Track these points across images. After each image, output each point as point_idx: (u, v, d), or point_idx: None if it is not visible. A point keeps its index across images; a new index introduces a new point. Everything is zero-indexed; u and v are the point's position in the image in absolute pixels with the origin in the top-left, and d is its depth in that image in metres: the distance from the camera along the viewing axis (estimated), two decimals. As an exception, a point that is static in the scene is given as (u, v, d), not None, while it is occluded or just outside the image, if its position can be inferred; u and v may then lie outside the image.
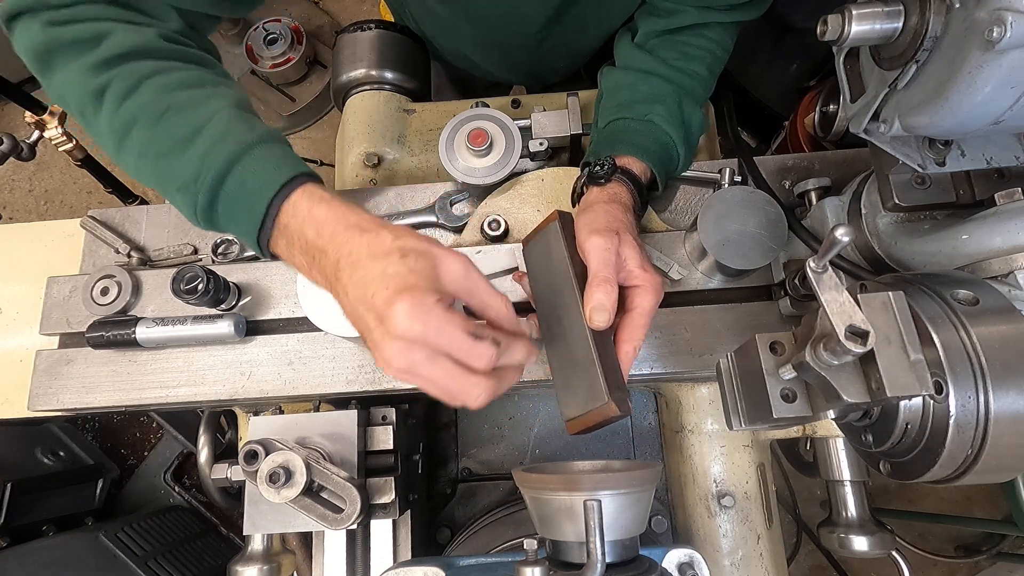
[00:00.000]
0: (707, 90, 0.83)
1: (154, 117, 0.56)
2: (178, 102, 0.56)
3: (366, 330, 0.49)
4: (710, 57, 0.81)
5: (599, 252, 0.60)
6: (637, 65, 0.80)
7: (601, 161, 0.71)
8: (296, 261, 0.55)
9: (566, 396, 0.60)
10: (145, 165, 0.58)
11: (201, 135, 0.55)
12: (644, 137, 0.76)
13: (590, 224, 0.63)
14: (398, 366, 0.47)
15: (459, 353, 0.47)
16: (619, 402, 0.56)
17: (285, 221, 0.54)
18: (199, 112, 0.56)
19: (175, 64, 0.59)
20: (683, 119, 0.78)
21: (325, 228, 0.52)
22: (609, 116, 0.79)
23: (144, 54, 0.58)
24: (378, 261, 0.48)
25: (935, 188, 0.61)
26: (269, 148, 0.56)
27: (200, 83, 0.59)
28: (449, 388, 0.48)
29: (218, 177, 0.54)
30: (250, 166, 0.54)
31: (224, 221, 0.57)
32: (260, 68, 2.41)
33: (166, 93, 0.56)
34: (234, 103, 0.58)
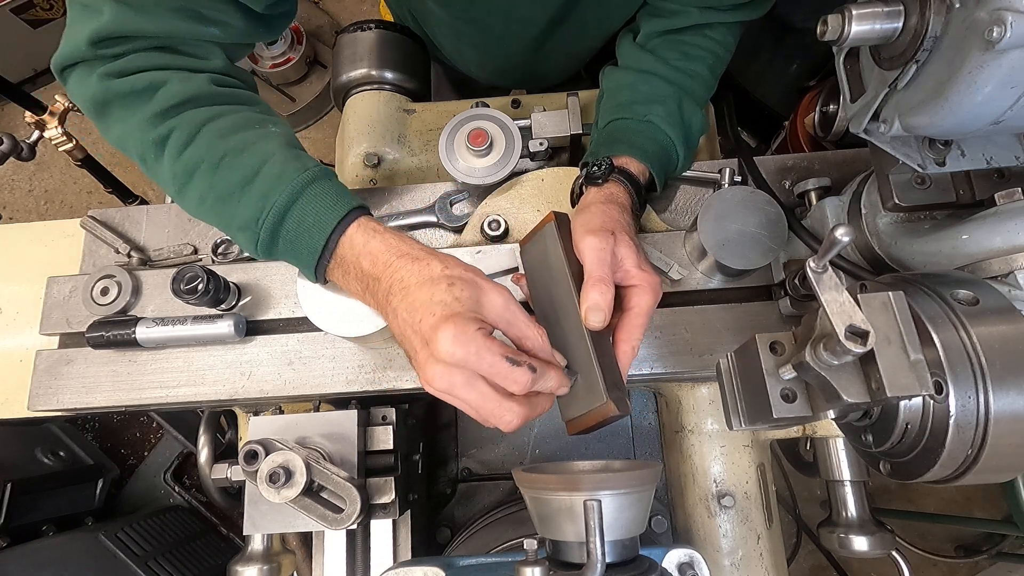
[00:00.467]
0: (708, 91, 0.83)
1: (213, 164, 0.60)
2: (234, 147, 0.60)
3: (412, 351, 0.53)
4: (712, 57, 0.81)
5: (594, 252, 0.61)
6: (638, 65, 0.80)
7: (599, 161, 0.71)
8: (352, 287, 0.60)
9: (565, 397, 0.60)
10: (206, 208, 0.62)
11: (258, 177, 0.59)
12: (643, 137, 0.76)
13: (586, 224, 0.64)
14: (438, 387, 0.51)
15: (497, 377, 0.50)
16: (618, 402, 0.56)
17: (342, 253, 0.59)
18: (255, 155, 0.60)
19: (227, 108, 0.63)
20: (683, 120, 0.78)
21: (380, 259, 0.56)
22: (609, 116, 0.79)
23: (198, 101, 0.62)
24: (426, 288, 0.52)
25: (935, 188, 0.61)
26: (322, 185, 0.60)
27: (252, 124, 0.63)
28: (483, 411, 0.52)
29: (278, 217, 0.58)
30: (307, 204, 0.58)
31: (283, 254, 0.61)
32: (260, 68, 2.41)
33: (222, 139, 0.60)
34: (285, 142, 0.62)
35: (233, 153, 0.60)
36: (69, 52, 0.61)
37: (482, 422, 0.53)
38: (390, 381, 0.74)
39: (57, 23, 2.43)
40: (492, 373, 0.50)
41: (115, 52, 0.61)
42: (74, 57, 0.62)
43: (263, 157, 0.60)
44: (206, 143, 0.60)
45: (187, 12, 0.62)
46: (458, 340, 0.49)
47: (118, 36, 0.60)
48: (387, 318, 0.57)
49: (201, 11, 0.62)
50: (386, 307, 0.56)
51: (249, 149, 0.60)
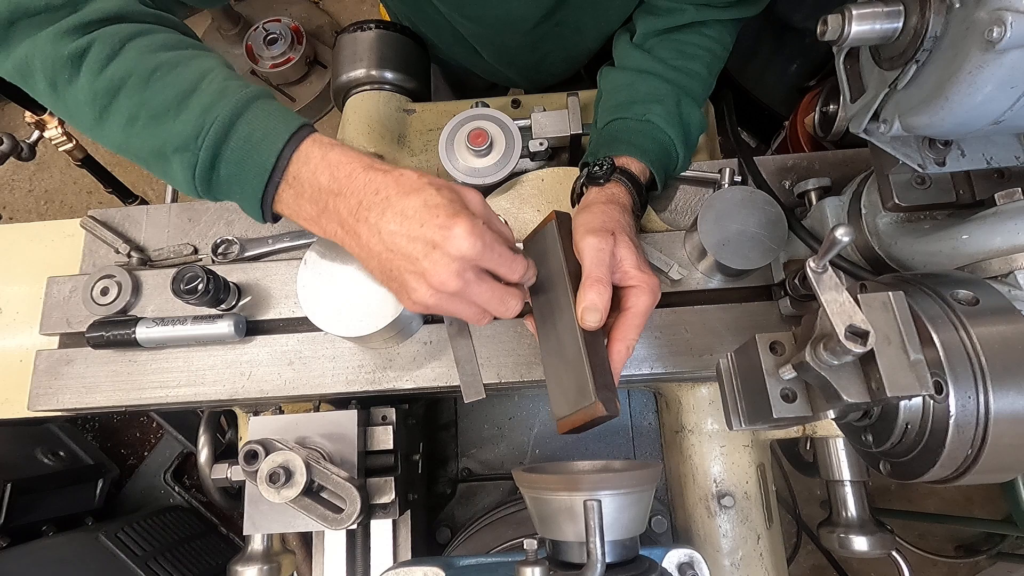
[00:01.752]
0: (706, 89, 0.83)
1: (143, 78, 0.53)
2: (167, 61, 0.54)
3: (409, 261, 0.51)
4: (709, 56, 0.81)
5: (593, 252, 0.61)
6: (635, 65, 0.80)
7: (600, 161, 0.71)
8: (303, 212, 0.55)
9: (557, 395, 0.61)
10: (136, 131, 0.54)
11: (197, 92, 0.53)
12: (643, 137, 0.76)
13: (586, 224, 0.64)
14: (452, 287, 0.50)
15: (503, 266, 0.53)
16: (606, 402, 0.56)
17: (295, 170, 0.53)
18: (191, 70, 0.54)
19: (156, 27, 0.57)
20: (682, 119, 0.78)
21: (340, 171, 0.52)
22: (608, 116, 0.79)
23: (123, 18, 0.56)
24: (414, 195, 0.51)
25: (935, 188, 0.61)
26: (269, 103, 0.55)
27: (185, 45, 0.57)
28: (492, 302, 0.54)
29: (221, 132, 0.52)
30: (254, 119, 0.53)
31: (225, 181, 0.54)
32: (260, 68, 2.41)
33: (152, 54, 0.54)
34: (223, 63, 0.57)
35: (166, 67, 0.53)
36: None
37: (478, 320, 0.55)
38: (390, 381, 0.74)
39: (57, 23, 2.43)
40: (500, 262, 0.52)
41: None
42: None
43: (201, 72, 0.54)
44: (134, 57, 0.54)
45: None
46: (474, 232, 0.49)
47: None
48: (357, 238, 0.52)
49: None
50: (356, 225, 0.52)
51: (184, 64, 0.54)
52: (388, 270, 0.53)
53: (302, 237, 0.82)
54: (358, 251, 0.54)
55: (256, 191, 0.54)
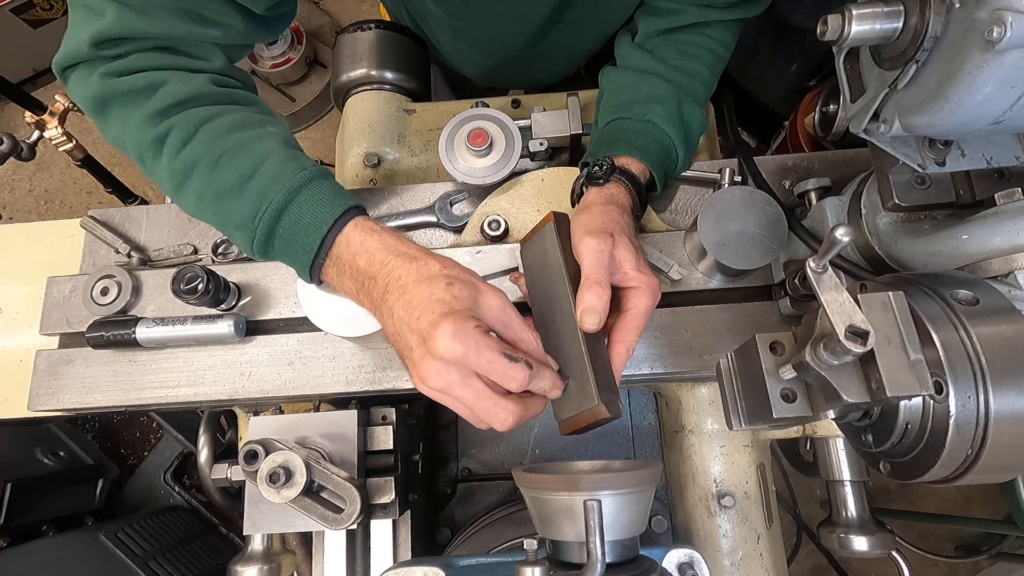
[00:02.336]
0: (708, 90, 0.83)
1: (211, 162, 0.60)
2: (232, 146, 0.61)
3: (407, 349, 0.53)
4: (711, 56, 0.81)
5: (592, 254, 0.60)
6: (636, 65, 0.80)
7: (600, 161, 0.71)
8: (347, 287, 0.60)
9: (559, 398, 0.61)
10: (204, 206, 0.62)
11: (256, 176, 0.59)
12: (643, 137, 0.76)
13: (585, 225, 0.64)
14: (433, 385, 0.51)
15: (494, 374, 0.51)
16: (609, 404, 0.56)
17: (338, 252, 0.59)
18: (253, 154, 0.60)
19: (226, 108, 0.64)
20: (682, 119, 0.77)
21: (376, 257, 0.57)
22: (608, 116, 0.79)
23: (197, 101, 0.62)
24: (425, 286, 0.53)
25: (935, 188, 0.61)
26: (320, 185, 0.60)
27: (250, 124, 0.63)
28: (478, 409, 0.52)
29: (275, 215, 0.59)
30: (304, 203, 0.59)
31: (278, 254, 0.62)
32: (260, 68, 2.41)
33: (220, 138, 0.61)
34: (283, 142, 0.63)
35: (231, 152, 0.60)
36: (71, 52, 0.62)
37: (475, 423, 0.53)
38: (390, 381, 0.74)
39: (57, 23, 2.43)
40: (489, 369, 0.50)
41: (116, 52, 0.61)
42: (76, 57, 0.62)
43: (261, 156, 0.60)
44: (205, 141, 0.61)
45: (188, 14, 0.62)
46: (456, 336, 0.49)
47: (119, 37, 0.60)
48: (381, 318, 0.57)
49: (201, 13, 0.63)
50: (381, 306, 0.56)
51: (247, 148, 0.61)
52: (399, 351, 0.56)
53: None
54: (384, 327, 0.57)
55: (305, 265, 0.60)
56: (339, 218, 0.59)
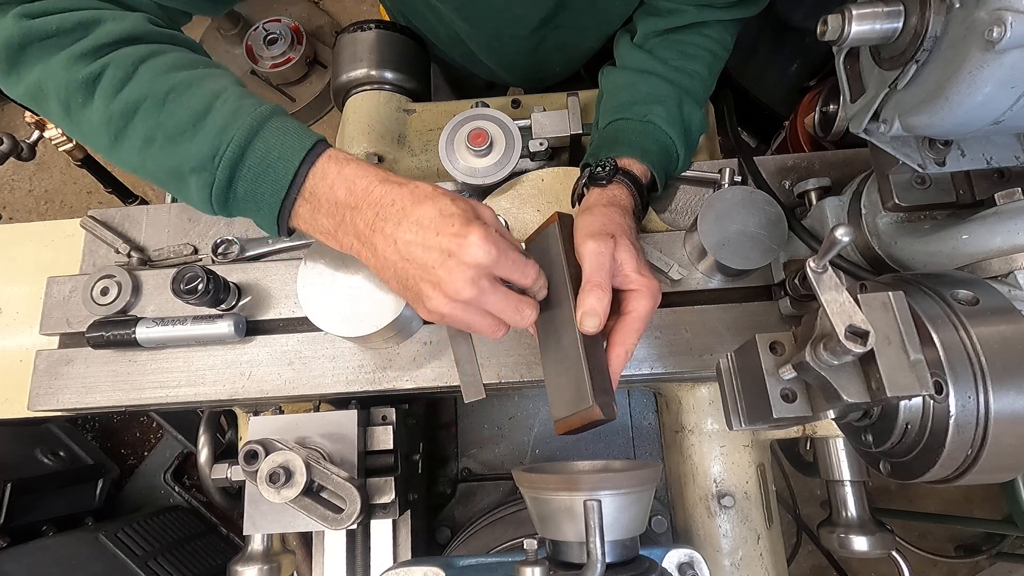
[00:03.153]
0: (707, 90, 0.83)
1: (158, 101, 0.53)
2: (181, 82, 0.54)
3: (424, 271, 0.51)
4: (710, 56, 0.81)
5: (593, 256, 0.60)
6: (636, 65, 0.80)
7: (603, 162, 0.71)
8: (320, 226, 0.55)
9: (555, 396, 0.61)
10: (152, 152, 0.54)
11: (212, 112, 0.53)
12: (644, 138, 0.76)
13: (587, 227, 0.63)
14: (467, 296, 0.51)
15: (516, 272, 0.54)
16: (603, 406, 0.56)
17: (312, 186, 0.54)
18: (205, 90, 0.54)
19: (168, 47, 0.57)
20: (683, 119, 0.78)
21: (357, 185, 0.53)
22: (609, 117, 0.79)
23: (136, 39, 0.55)
24: (428, 204, 0.51)
25: (935, 188, 0.61)
26: (284, 120, 0.55)
27: (197, 63, 0.57)
28: (507, 310, 0.54)
29: (237, 151, 0.52)
30: (270, 137, 0.53)
31: (242, 198, 0.55)
32: (260, 68, 2.41)
33: (165, 75, 0.54)
34: (236, 81, 0.58)
35: (180, 88, 0.54)
36: None
37: (494, 332, 0.55)
38: (390, 381, 0.74)
39: (57, 23, 2.43)
40: (514, 268, 0.53)
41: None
42: None
43: (215, 92, 0.54)
44: (147, 80, 0.54)
45: None
46: (488, 239, 0.50)
47: None
48: (373, 250, 0.53)
49: None
50: (373, 237, 0.52)
51: (198, 84, 0.54)
52: (404, 279, 0.53)
53: (302, 237, 0.82)
54: (374, 262, 0.55)
55: (273, 208, 0.55)
56: (311, 149, 0.54)
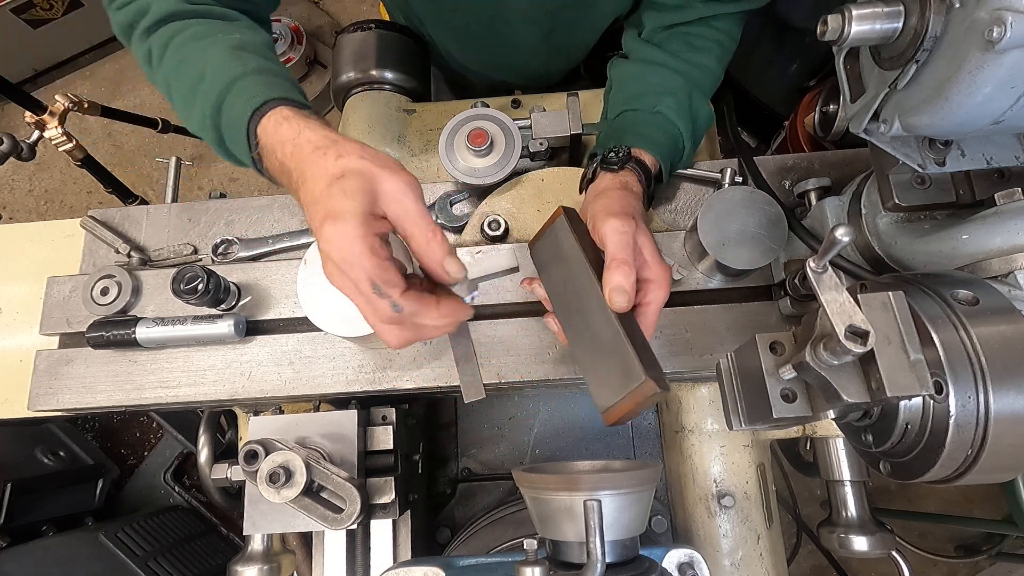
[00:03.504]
0: (715, 82, 0.83)
1: (177, 74, 0.64)
2: (187, 55, 0.63)
3: None
4: (719, 48, 0.81)
5: (617, 236, 0.59)
6: (646, 57, 0.80)
7: (616, 148, 0.71)
8: (281, 180, 0.59)
9: (599, 386, 0.57)
10: (184, 114, 0.66)
11: (203, 80, 0.61)
12: (653, 129, 0.76)
13: (606, 208, 0.62)
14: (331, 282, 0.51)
15: (362, 298, 0.50)
16: (657, 380, 0.53)
17: (263, 143, 0.58)
18: (199, 60, 0.62)
19: (194, 21, 0.66)
20: (692, 112, 0.77)
21: (287, 148, 0.55)
22: (619, 108, 0.79)
23: (171, 18, 0.66)
24: (320, 182, 0.51)
25: (935, 188, 0.61)
26: (252, 79, 0.60)
27: (208, 34, 0.64)
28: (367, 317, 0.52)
29: (214, 113, 0.60)
30: (232, 98, 0.59)
31: (234, 153, 0.62)
32: (260, 68, 2.40)
33: (180, 49, 0.64)
34: (234, 45, 0.63)
35: (186, 61, 0.63)
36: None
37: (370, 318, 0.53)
38: (390, 381, 0.74)
39: (57, 23, 2.43)
40: (359, 292, 0.49)
41: None
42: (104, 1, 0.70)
43: (206, 60, 0.62)
44: (172, 56, 0.64)
45: None
46: (331, 244, 0.48)
47: None
48: None
49: None
50: (299, 200, 0.55)
51: (197, 55, 0.63)
52: None
53: (302, 237, 0.82)
54: None
55: (248, 160, 0.61)
56: (258, 108, 0.57)
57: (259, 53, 0.64)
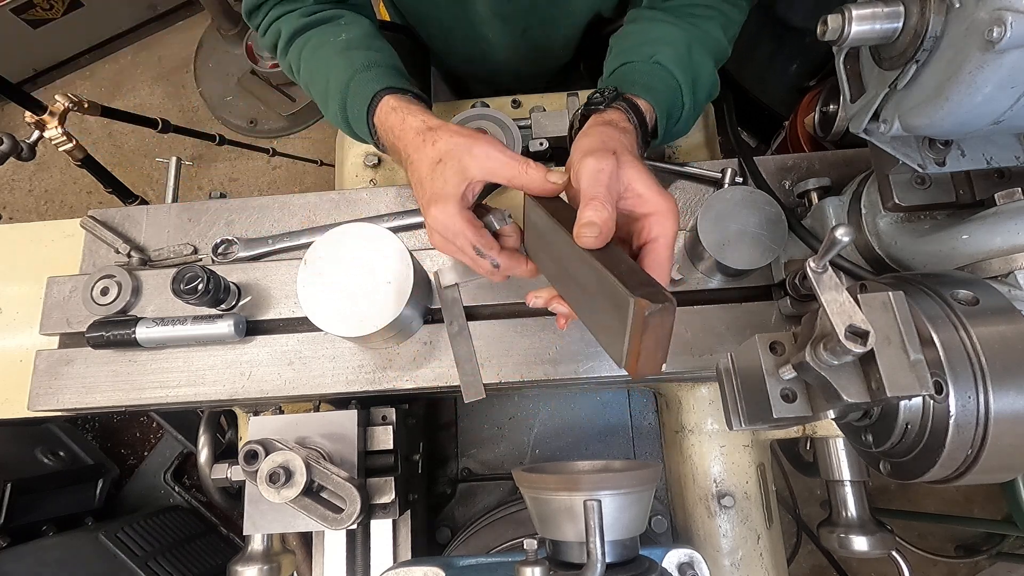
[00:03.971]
0: (719, 49, 0.79)
1: (310, 83, 0.79)
2: (313, 66, 0.78)
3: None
4: (723, 18, 0.78)
5: (590, 174, 0.53)
6: (646, 16, 0.79)
7: (603, 89, 0.68)
8: (394, 157, 0.72)
9: (606, 341, 0.51)
10: (324, 112, 0.79)
11: (328, 85, 0.75)
12: (649, 77, 0.72)
13: (583, 148, 0.57)
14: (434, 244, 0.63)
15: (468, 259, 0.61)
16: (652, 296, 0.44)
17: (379, 129, 0.72)
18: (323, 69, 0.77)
19: (312, 33, 0.79)
20: (692, 64, 0.73)
21: (396, 132, 0.68)
22: (616, 62, 0.76)
23: (295, 35, 0.80)
24: (423, 165, 0.62)
25: (935, 188, 0.61)
26: (361, 77, 0.72)
27: (322, 43, 0.77)
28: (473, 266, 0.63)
29: (342, 112, 0.74)
30: (351, 100, 0.73)
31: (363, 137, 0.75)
32: (260, 68, 2.41)
33: (308, 62, 0.79)
34: (342, 48, 0.76)
35: (312, 71, 0.78)
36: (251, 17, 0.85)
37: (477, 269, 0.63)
38: (390, 381, 0.74)
39: (57, 23, 2.43)
40: (465, 255, 0.61)
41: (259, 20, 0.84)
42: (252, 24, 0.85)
43: (328, 68, 0.76)
44: (303, 68, 0.79)
45: None
46: (437, 221, 0.59)
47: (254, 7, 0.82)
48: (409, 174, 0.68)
49: None
50: (407, 173, 0.67)
51: (318, 65, 0.77)
52: None
53: (302, 237, 0.82)
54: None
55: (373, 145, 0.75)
56: (370, 103, 0.70)
57: (363, 47, 0.76)
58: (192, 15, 2.71)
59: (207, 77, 2.59)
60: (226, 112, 2.54)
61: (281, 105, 2.47)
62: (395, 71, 0.75)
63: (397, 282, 0.66)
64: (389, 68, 0.74)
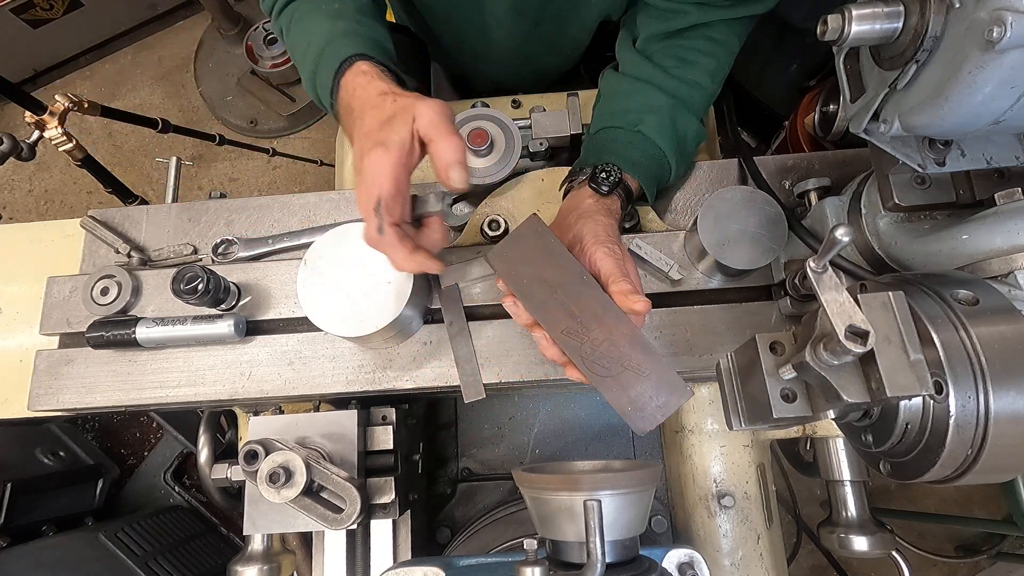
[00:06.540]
0: (708, 98, 0.81)
1: (293, 44, 0.78)
2: (299, 28, 0.77)
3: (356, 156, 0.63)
4: (713, 62, 0.79)
5: (612, 259, 0.62)
6: (635, 72, 0.80)
7: (609, 169, 0.71)
8: (343, 120, 0.71)
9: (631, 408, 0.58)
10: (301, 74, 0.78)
11: (309, 46, 0.74)
12: (633, 149, 0.75)
13: (595, 234, 0.64)
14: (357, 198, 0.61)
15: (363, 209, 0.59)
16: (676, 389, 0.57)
17: (341, 88, 0.70)
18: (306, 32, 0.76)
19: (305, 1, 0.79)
20: (676, 130, 0.77)
21: (357, 91, 0.67)
22: (601, 123, 0.79)
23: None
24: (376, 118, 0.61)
25: (935, 188, 0.61)
26: (341, 40, 0.72)
27: (314, 9, 0.77)
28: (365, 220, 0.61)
29: (313, 72, 0.73)
30: (325, 58, 0.71)
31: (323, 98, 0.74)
32: (260, 68, 2.41)
33: (296, 24, 0.78)
34: (331, 15, 0.75)
35: (298, 33, 0.77)
36: None
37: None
38: (390, 381, 0.74)
39: (57, 23, 2.43)
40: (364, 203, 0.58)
41: None
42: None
43: (310, 31, 0.75)
44: (291, 30, 0.79)
45: None
46: (370, 161, 0.58)
47: None
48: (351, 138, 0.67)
49: None
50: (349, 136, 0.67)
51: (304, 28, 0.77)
52: None
53: (302, 237, 0.82)
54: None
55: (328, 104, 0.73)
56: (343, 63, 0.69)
57: (350, 18, 0.75)
58: (192, 15, 2.71)
59: (207, 77, 2.59)
60: (226, 112, 2.54)
61: (281, 105, 2.47)
62: (377, 45, 0.73)
63: (397, 282, 0.66)
64: (371, 40, 0.73)
